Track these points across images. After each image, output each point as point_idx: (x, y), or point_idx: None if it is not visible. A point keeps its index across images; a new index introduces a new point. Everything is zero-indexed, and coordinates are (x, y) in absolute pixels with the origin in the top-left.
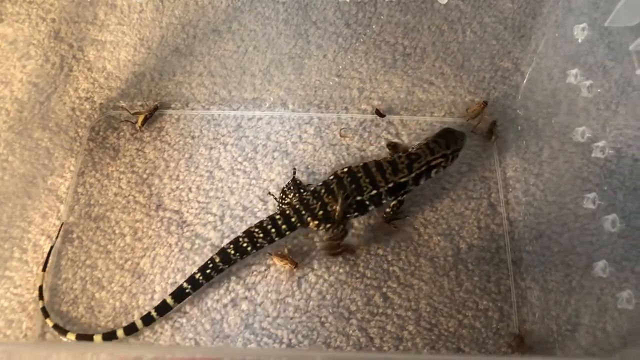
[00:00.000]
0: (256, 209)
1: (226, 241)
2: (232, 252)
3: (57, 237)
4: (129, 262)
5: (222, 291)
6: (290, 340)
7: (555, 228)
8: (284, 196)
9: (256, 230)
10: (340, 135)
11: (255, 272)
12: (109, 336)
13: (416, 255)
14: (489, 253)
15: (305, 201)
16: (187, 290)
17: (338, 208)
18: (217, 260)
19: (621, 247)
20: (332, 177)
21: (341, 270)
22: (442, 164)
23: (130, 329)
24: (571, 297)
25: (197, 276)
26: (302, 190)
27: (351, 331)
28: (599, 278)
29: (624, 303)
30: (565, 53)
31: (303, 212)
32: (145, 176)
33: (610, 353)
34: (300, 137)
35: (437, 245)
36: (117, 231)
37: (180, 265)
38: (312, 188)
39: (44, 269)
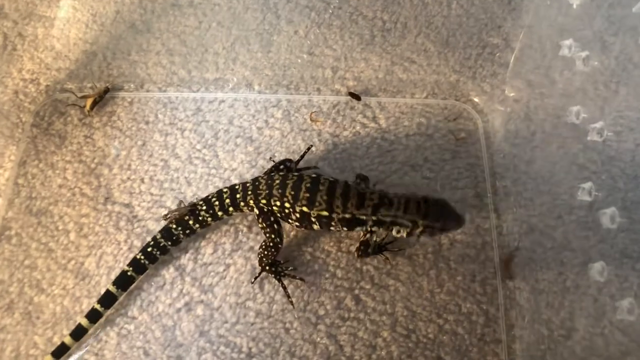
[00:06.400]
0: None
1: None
2: (174, 226)
3: None
4: (73, 262)
5: (174, 294)
6: (250, 349)
7: (548, 221)
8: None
9: (200, 203)
10: (311, 120)
11: (212, 273)
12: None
13: (392, 253)
14: (474, 249)
15: (257, 183)
16: (129, 273)
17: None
18: (159, 237)
19: (621, 242)
20: (295, 174)
21: (309, 270)
22: (408, 229)
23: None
24: (565, 298)
25: (139, 257)
26: (273, 173)
27: (319, 338)
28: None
29: (625, 314)
30: (559, 23)
31: (249, 193)
32: (93, 166)
33: None
34: (266, 121)
35: (416, 241)
36: (60, 227)
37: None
38: (277, 176)
39: None
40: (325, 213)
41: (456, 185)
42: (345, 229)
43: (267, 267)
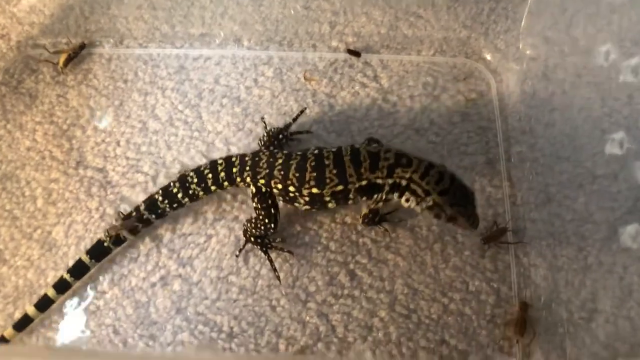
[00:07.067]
0: None
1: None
2: (161, 199)
3: None
4: (39, 231)
5: (149, 267)
6: (231, 328)
7: (567, 191)
8: (266, 138)
9: (191, 174)
10: (305, 79)
11: (192, 245)
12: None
13: (392, 224)
14: (484, 221)
15: (257, 159)
16: (105, 244)
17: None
18: (143, 208)
19: None
20: (298, 153)
21: (299, 242)
22: (418, 199)
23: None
24: (586, 276)
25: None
26: (273, 146)
27: (308, 317)
28: (625, 251)
29: None
30: None
31: (247, 169)
32: (65, 127)
33: (636, 349)
34: (255, 80)
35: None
36: (27, 193)
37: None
38: (278, 152)
39: None
40: (340, 188)
41: (465, 150)
42: (364, 198)
43: (253, 239)
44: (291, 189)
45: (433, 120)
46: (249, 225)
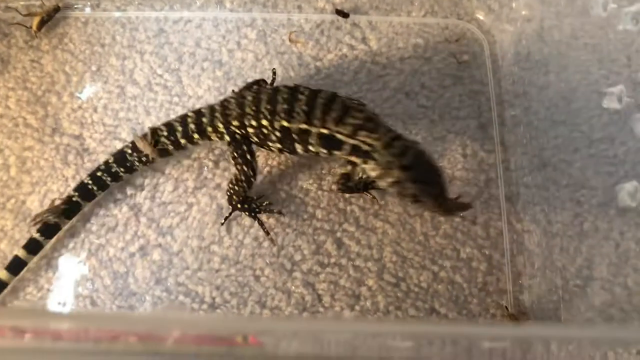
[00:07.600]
0: None
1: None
2: (129, 152)
3: None
4: (13, 200)
5: (128, 237)
6: (213, 298)
7: (563, 155)
8: None
9: (161, 128)
10: (291, 41)
11: (172, 213)
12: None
13: (381, 191)
14: (476, 187)
15: (226, 103)
16: (74, 199)
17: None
18: (111, 161)
19: None
20: (270, 88)
21: (284, 211)
22: (378, 171)
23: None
24: (582, 243)
25: (87, 184)
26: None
27: (294, 287)
28: (622, 215)
29: None
30: None
31: (216, 116)
32: (40, 93)
33: (632, 315)
34: (238, 43)
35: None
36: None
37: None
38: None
39: None
40: (304, 126)
41: (457, 114)
42: (324, 150)
43: (239, 205)
44: (264, 122)
45: (424, 84)
46: (230, 187)
